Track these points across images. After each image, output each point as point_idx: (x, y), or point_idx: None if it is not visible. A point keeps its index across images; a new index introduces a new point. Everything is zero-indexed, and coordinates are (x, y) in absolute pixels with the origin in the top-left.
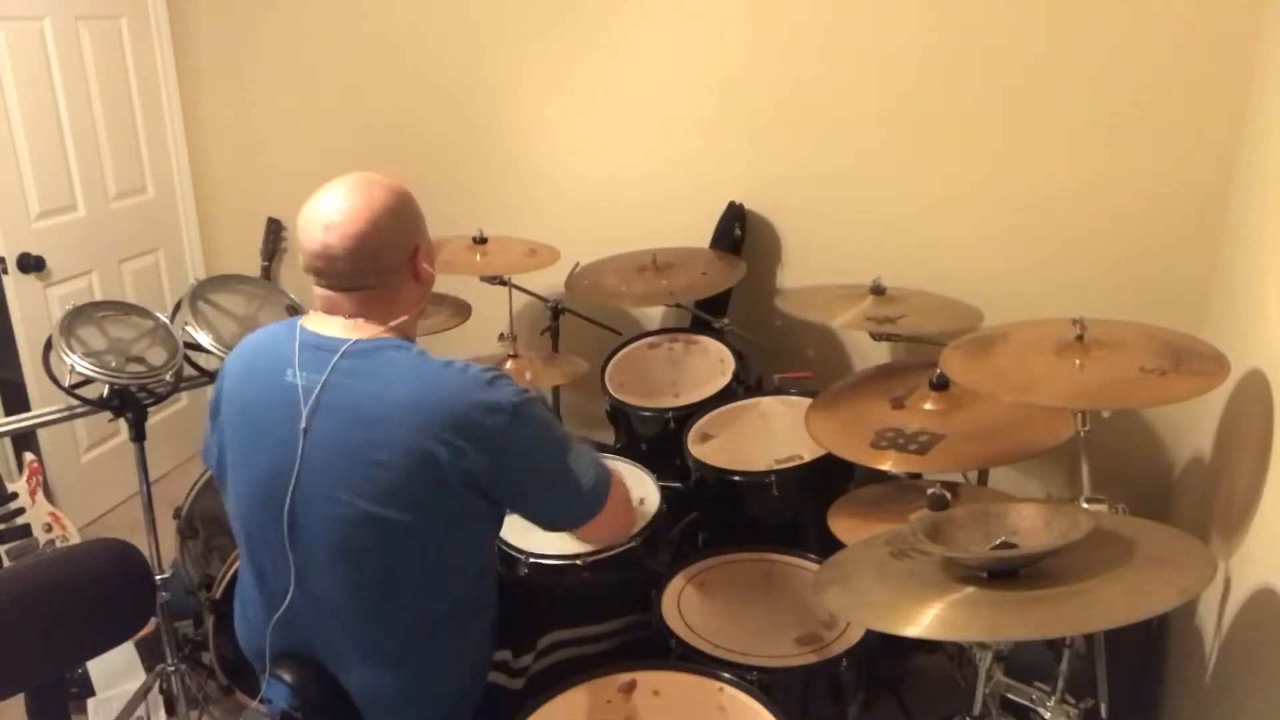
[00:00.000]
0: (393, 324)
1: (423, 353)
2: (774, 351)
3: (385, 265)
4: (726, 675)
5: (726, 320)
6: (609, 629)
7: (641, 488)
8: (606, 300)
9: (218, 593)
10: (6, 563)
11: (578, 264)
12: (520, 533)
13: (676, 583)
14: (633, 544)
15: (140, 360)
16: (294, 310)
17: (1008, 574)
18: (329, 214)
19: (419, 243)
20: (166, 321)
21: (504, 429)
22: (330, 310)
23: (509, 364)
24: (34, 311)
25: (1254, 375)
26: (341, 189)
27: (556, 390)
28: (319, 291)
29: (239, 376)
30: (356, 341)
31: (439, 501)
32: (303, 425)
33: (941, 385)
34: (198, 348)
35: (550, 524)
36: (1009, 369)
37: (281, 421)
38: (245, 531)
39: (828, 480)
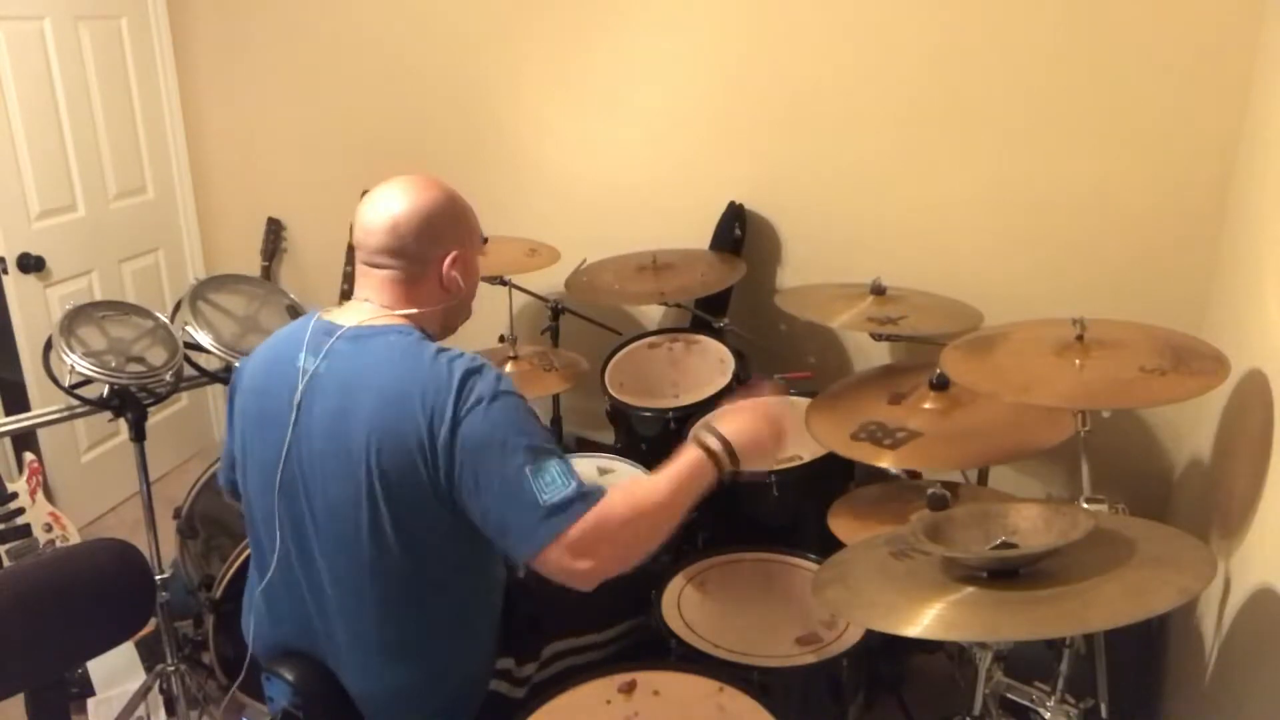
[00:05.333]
0: (402, 311)
1: (421, 339)
2: (774, 351)
3: (413, 252)
4: (726, 675)
5: (726, 320)
6: (611, 636)
7: None
8: (605, 299)
9: (218, 593)
10: (6, 563)
11: (584, 260)
12: None
13: (676, 583)
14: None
15: (140, 360)
16: (294, 310)
17: (1008, 574)
18: (383, 195)
19: (457, 250)
20: (166, 321)
21: (469, 409)
22: (359, 286)
23: (509, 365)
24: (34, 311)
25: (1254, 375)
26: (402, 179)
27: (556, 395)
28: (357, 267)
29: (257, 365)
30: (355, 326)
31: (415, 487)
32: (296, 399)
33: (941, 385)
34: (198, 348)
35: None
36: (1009, 369)
37: (285, 403)
38: (251, 515)
39: (828, 480)
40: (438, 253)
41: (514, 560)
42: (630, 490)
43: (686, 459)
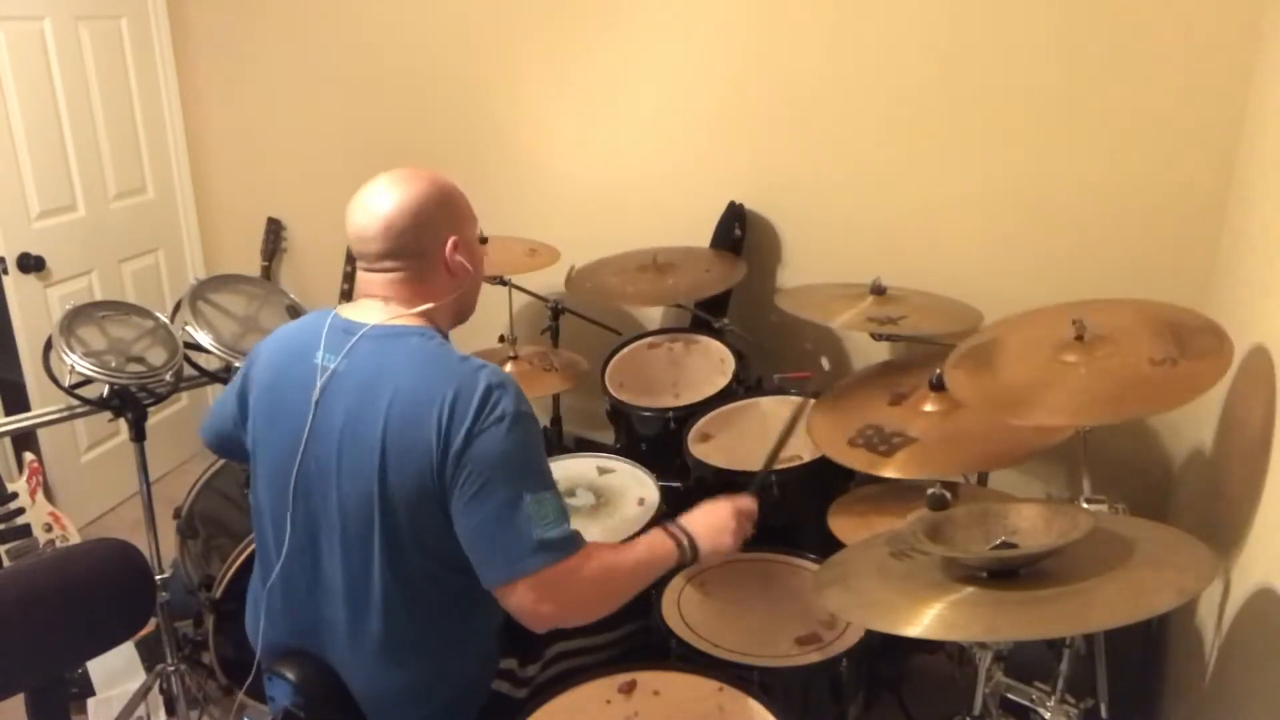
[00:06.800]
0: (419, 309)
1: (445, 344)
2: (774, 351)
3: (414, 248)
4: (726, 675)
5: (726, 320)
6: (614, 637)
7: (641, 488)
8: (608, 301)
9: (218, 593)
10: (6, 563)
11: (573, 267)
12: None
13: (676, 583)
14: None
15: (140, 360)
16: (294, 310)
17: (1008, 574)
18: (369, 197)
19: (455, 235)
20: (166, 321)
21: (490, 424)
22: (365, 292)
23: (509, 365)
24: (34, 311)
25: (1253, 375)
26: (384, 177)
27: (556, 395)
28: (358, 274)
29: (269, 359)
30: (377, 325)
31: (425, 490)
32: (315, 396)
33: (941, 386)
34: (198, 348)
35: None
36: (1013, 384)
37: (302, 399)
38: (259, 511)
39: (828, 480)
40: (437, 242)
41: (483, 582)
42: (611, 550)
43: (661, 544)
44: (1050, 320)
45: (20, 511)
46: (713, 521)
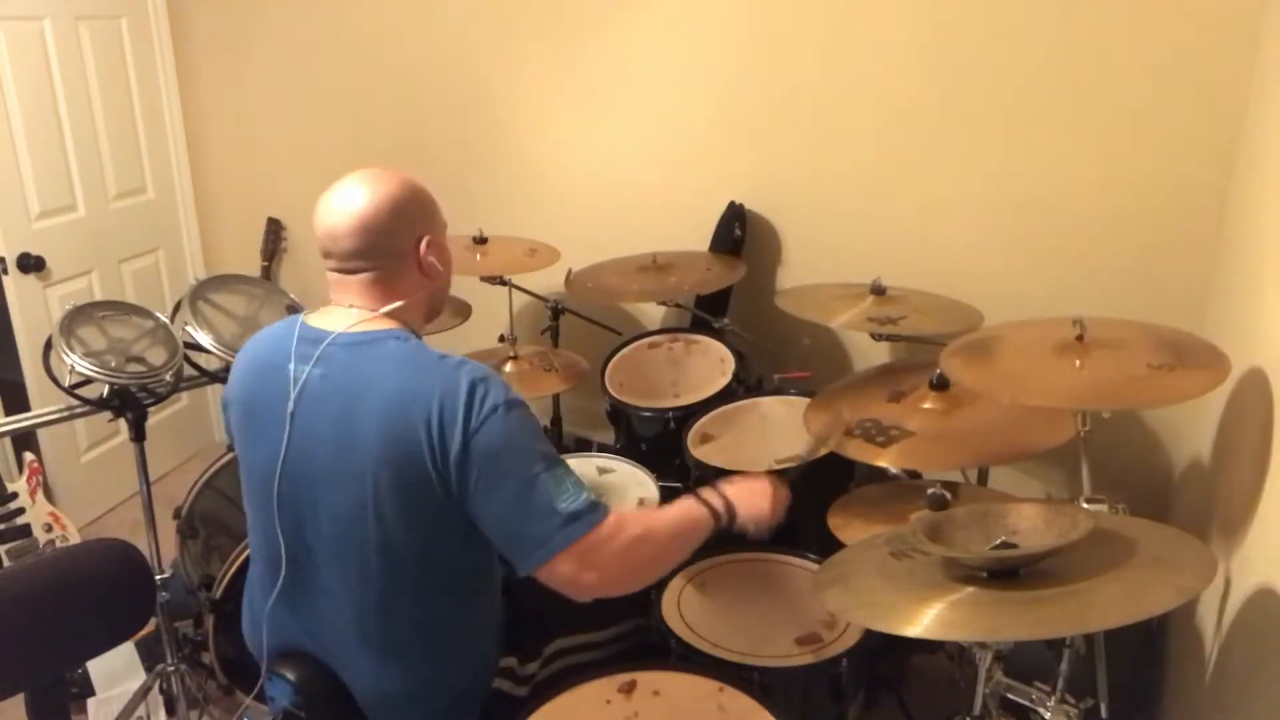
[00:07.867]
0: (388, 309)
1: (421, 345)
2: (774, 351)
3: (385, 247)
4: (726, 675)
5: (726, 320)
6: (612, 634)
7: (641, 488)
8: (608, 301)
9: (218, 593)
10: (6, 563)
11: (570, 270)
12: None
13: (676, 583)
14: None
15: (140, 360)
16: (294, 310)
17: (1008, 574)
18: (339, 197)
19: (425, 234)
20: (166, 321)
21: (484, 418)
22: (338, 294)
23: (509, 365)
24: (34, 311)
25: (1254, 375)
26: (355, 177)
27: (556, 395)
28: (328, 276)
29: (243, 371)
30: (345, 333)
31: (423, 493)
32: (290, 409)
33: (941, 385)
34: (198, 348)
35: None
36: (1010, 371)
37: (278, 412)
38: (251, 522)
39: (828, 480)
40: (410, 242)
41: (520, 568)
42: (643, 514)
43: (693, 508)
44: (1050, 325)
45: (20, 511)
46: (749, 488)
